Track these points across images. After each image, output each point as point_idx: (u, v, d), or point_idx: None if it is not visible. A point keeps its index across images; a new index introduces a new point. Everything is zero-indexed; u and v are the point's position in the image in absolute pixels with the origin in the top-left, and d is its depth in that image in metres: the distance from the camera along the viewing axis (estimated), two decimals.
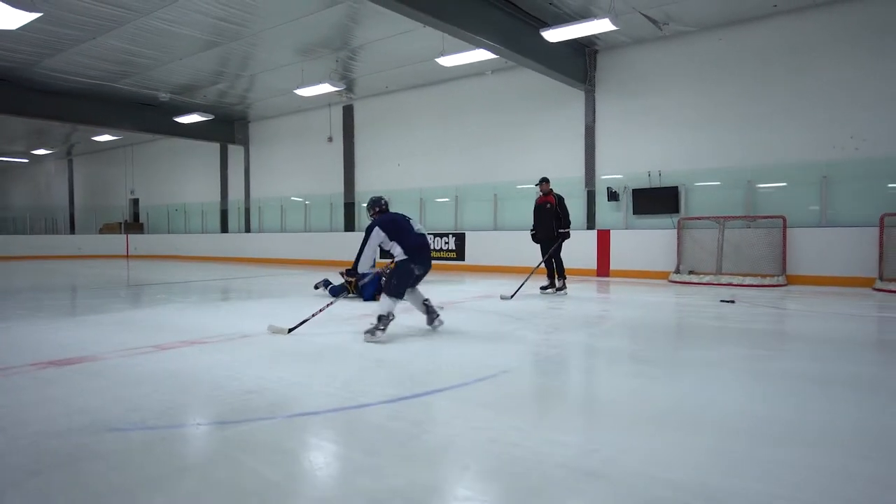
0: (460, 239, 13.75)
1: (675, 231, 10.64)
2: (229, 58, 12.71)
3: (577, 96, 12.26)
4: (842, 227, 9.42)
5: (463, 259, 13.65)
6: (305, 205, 17.65)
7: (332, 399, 3.18)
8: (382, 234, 4.95)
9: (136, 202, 25.22)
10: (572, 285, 9.14)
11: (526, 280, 8.48)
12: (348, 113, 16.64)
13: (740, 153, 10.47)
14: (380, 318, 4.80)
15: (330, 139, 16.93)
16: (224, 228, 20.79)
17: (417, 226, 5.16)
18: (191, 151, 21.71)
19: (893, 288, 8.32)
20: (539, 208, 8.58)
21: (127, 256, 22.29)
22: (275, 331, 5.17)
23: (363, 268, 4.99)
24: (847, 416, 2.91)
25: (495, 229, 13.57)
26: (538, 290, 8.46)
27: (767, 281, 9.28)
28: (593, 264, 11.65)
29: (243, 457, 2.38)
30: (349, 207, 16.68)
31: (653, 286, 9.61)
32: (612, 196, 11.72)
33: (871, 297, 7.99)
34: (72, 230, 27.53)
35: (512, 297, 7.80)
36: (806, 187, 9.93)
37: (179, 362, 4.11)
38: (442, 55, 10.65)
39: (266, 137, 19.36)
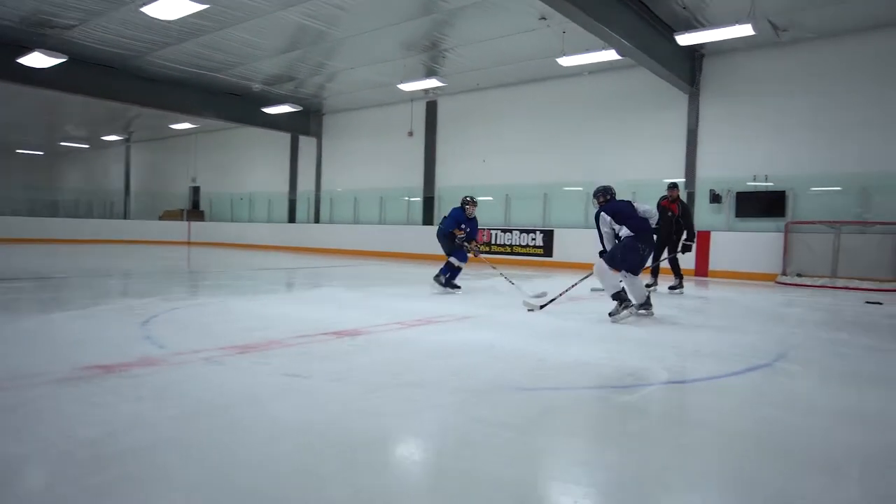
0: (548, 236, 14.02)
1: (782, 235, 10.83)
2: (320, 49, 12.91)
3: (678, 99, 12.46)
4: None
5: (550, 255, 13.91)
6: (380, 197, 17.98)
7: (647, 372, 3.47)
8: (608, 217, 5.52)
9: (196, 190, 25.70)
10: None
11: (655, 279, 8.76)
12: (431, 108, 16.93)
13: (852, 159, 10.61)
14: (618, 298, 5.30)
15: (410, 133, 17.22)
16: (291, 219, 21.14)
17: (643, 207, 5.59)
18: (257, 141, 22.04)
19: None
20: (661, 210, 8.72)
21: (188, 243, 22.67)
22: (529, 307, 5.89)
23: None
24: None
25: (586, 227, 13.81)
26: (667, 290, 8.68)
27: (886, 286, 9.45)
28: (691, 264, 11.84)
29: (650, 414, 2.68)
30: (428, 202, 16.97)
31: (761, 287, 9.79)
32: (715, 198, 11.93)
33: None
34: (125, 216, 27.96)
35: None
36: None
37: (445, 336, 4.48)
38: (563, 55, 10.92)
39: (340, 130, 19.70)
